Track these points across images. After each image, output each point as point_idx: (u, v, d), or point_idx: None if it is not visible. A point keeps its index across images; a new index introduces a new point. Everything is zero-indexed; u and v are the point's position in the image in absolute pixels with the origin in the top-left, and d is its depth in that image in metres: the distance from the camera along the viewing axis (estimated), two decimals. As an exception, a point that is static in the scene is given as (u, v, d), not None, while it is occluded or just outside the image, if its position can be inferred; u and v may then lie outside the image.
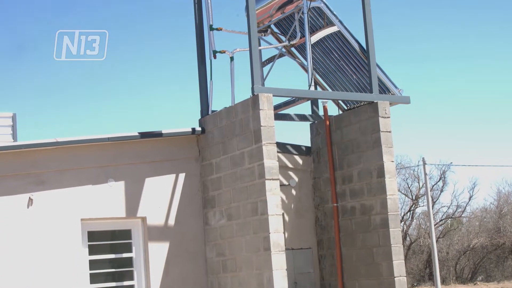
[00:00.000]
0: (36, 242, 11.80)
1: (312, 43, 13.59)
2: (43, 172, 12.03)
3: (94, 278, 12.37)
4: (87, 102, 58.06)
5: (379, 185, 13.23)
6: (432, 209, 39.88)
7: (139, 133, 12.82)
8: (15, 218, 11.72)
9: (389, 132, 13.37)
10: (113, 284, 12.65)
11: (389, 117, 13.39)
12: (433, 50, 62.43)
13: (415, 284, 42.05)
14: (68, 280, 11.91)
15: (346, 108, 14.24)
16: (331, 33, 14.06)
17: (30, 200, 11.84)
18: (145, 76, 58.87)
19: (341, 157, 14.00)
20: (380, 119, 13.27)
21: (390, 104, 13.50)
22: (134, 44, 55.00)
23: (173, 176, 13.17)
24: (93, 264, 12.41)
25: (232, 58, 13.46)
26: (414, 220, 47.56)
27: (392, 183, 13.25)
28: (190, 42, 14.11)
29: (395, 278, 12.91)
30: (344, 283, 13.78)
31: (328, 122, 14.16)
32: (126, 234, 12.89)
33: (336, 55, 14.15)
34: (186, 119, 52.16)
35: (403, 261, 13.22)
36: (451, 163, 46.36)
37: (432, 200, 42.46)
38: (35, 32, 50.49)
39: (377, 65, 13.44)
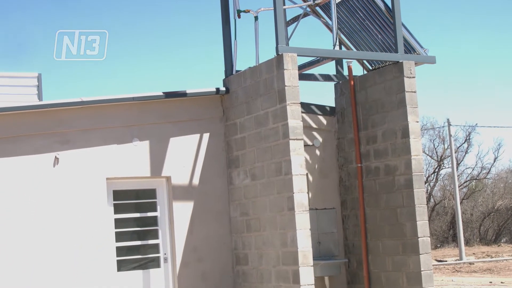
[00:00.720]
0: (62, 201, 11.84)
1: (337, 2, 13.31)
2: (68, 132, 12.03)
3: (119, 237, 12.43)
4: (113, 62, 58.43)
5: (404, 146, 13.07)
6: (457, 170, 39.79)
7: (163, 93, 12.75)
8: (41, 177, 11.74)
9: (414, 92, 13.17)
10: (138, 242, 12.72)
11: (414, 77, 13.18)
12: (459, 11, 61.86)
13: (438, 245, 42.04)
14: (94, 239, 11.98)
15: (370, 68, 14.04)
16: (356, -8, 13.87)
17: (56, 159, 11.85)
18: (170, 37, 58.92)
19: (365, 118, 13.85)
20: (405, 79, 13.06)
21: (415, 64, 13.27)
22: (159, 4, 54.90)
23: (197, 136, 13.13)
24: (118, 223, 12.47)
25: (256, 18, 13.25)
26: (439, 182, 47.47)
27: (416, 144, 13.09)
28: (215, 1, 13.93)
29: (419, 239, 12.82)
30: (367, 243, 13.74)
31: (352, 82, 13.99)
32: (151, 193, 12.92)
33: (361, 14, 13.90)
34: (211, 80, 52.13)
35: (427, 221, 13.11)
36: (476, 124, 46.11)
37: (457, 161, 42.39)
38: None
39: (403, 25, 13.18)
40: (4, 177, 11.47)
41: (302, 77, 13.56)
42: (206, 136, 13.20)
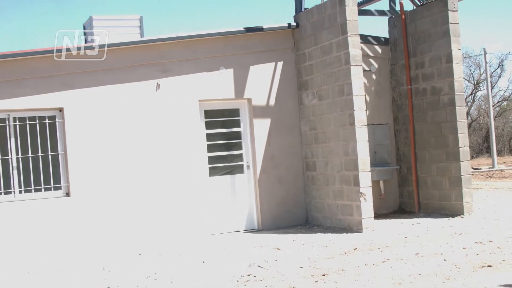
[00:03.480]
0: (163, 118, 12.41)
1: None
2: (167, 62, 12.48)
3: (210, 148, 12.95)
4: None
5: (447, 70, 13.32)
6: (491, 92, 39.50)
7: (244, 28, 13.06)
8: (146, 99, 12.31)
9: (457, 24, 13.34)
10: (226, 152, 13.17)
11: (457, 10, 13.33)
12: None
13: (474, 156, 42.12)
14: (190, 150, 12.58)
15: (419, 3, 14.11)
16: None
17: (158, 85, 12.38)
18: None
19: (414, 46, 14.06)
20: (450, 13, 13.23)
21: (458, -1, 13.42)
22: None
23: (272, 64, 13.43)
24: (209, 137, 12.96)
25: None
26: (475, 102, 47.72)
27: (458, 68, 13.33)
28: None
29: (460, 148, 13.19)
30: (416, 152, 14.12)
31: (403, 16, 14.16)
32: (235, 112, 13.30)
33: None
34: (283, 16, 51.45)
35: (467, 134, 13.42)
36: (509, 52, 45.84)
37: (491, 84, 42.06)
38: None
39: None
40: (118, 99, 12.07)
41: (361, 12, 13.65)
42: (280, 64, 13.48)
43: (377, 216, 13.12)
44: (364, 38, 14.12)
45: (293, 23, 13.53)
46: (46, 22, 54.07)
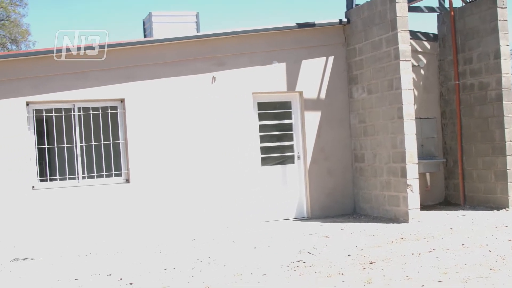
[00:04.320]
0: (218, 110, 12.55)
1: None
2: (222, 56, 12.58)
3: (262, 139, 13.04)
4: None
5: (495, 66, 13.12)
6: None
7: (297, 24, 13.07)
8: (202, 92, 12.44)
9: (505, 20, 13.13)
10: (277, 143, 13.22)
11: (506, 7, 13.11)
12: None
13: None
14: (243, 140, 12.70)
15: (468, 0, 13.92)
16: None
17: (213, 78, 12.50)
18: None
19: (463, 42, 13.87)
20: (498, 9, 13.03)
21: (507, -4, 13.19)
22: None
23: (324, 58, 13.41)
24: (261, 128, 13.03)
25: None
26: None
27: (506, 64, 13.11)
28: None
29: (506, 143, 13.00)
30: (462, 146, 13.96)
31: (452, 13, 13.98)
32: (287, 104, 13.32)
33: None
34: (334, 12, 51.25)
35: (513, 129, 13.24)
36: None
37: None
38: None
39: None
40: (175, 91, 12.25)
41: (410, 9, 13.53)
42: (331, 58, 13.45)
43: (423, 207, 13.05)
44: (414, 34, 13.99)
45: (344, 19, 13.49)
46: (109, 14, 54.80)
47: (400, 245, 9.63)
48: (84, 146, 11.71)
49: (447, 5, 14.27)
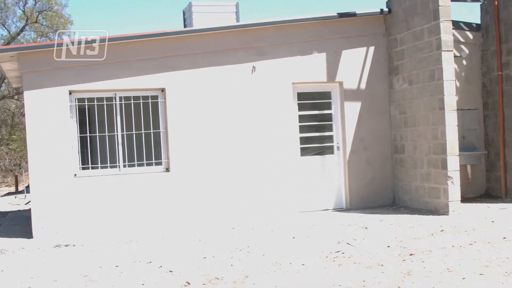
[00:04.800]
0: (258, 100, 12.56)
1: None
2: (262, 46, 12.57)
3: (302, 129, 13.01)
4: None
5: (541, 56, 12.90)
6: None
7: (337, 13, 12.97)
8: (242, 82, 12.46)
9: (552, 10, 12.90)
10: (316, 134, 13.18)
11: (551, -3, 12.89)
12: None
13: None
14: (282, 130, 12.69)
15: (513, -11, 13.69)
16: None
17: (253, 68, 12.50)
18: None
19: (506, 33, 13.60)
20: (544, -1, 12.80)
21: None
22: None
23: (364, 48, 13.31)
24: (301, 118, 13.00)
25: None
26: None
27: (551, 55, 12.90)
28: None
29: (551, 135, 12.79)
30: (504, 138, 13.72)
31: (496, 2, 13.68)
32: (327, 95, 13.25)
33: None
34: (374, 2, 50.70)
35: (558, 120, 12.98)
36: None
37: None
38: None
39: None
40: (215, 81, 12.29)
41: (453, -2, 13.37)
42: (371, 49, 13.34)
43: (464, 200, 12.87)
44: (456, 24, 13.74)
45: (385, 9, 13.35)
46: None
47: (440, 237, 9.54)
48: (125, 135, 11.83)
49: (490, -6, 13.99)
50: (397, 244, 9.13)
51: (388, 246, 8.97)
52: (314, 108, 13.23)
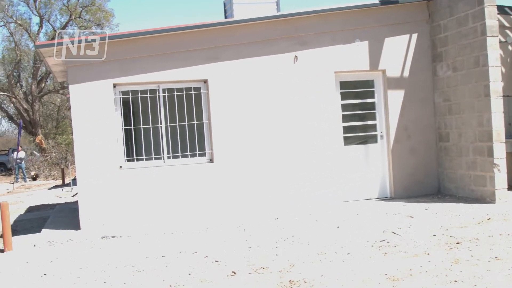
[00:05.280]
0: (301, 89, 12.54)
1: None
2: (304, 35, 12.52)
3: (344, 118, 12.93)
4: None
5: None
6: None
7: (379, 1, 12.85)
8: (284, 71, 12.44)
9: None
10: (360, 123, 13.10)
11: None
12: None
13: None
14: (325, 120, 12.64)
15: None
16: None
17: (296, 57, 12.46)
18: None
19: (553, 16, 13.35)
20: None
21: None
22: None
23: (407, 36, 13.14)
24: (344, 107, 12.92)
25: None
26: None
27: None
28: None
29: None
30: (553, 124, 13.48)
31: (543, -14, 13.46)
32: (370, 83, 13.13)
33: None
34: None
35: None
36: None
37: None
38: None
39: None
40: (258, 71, 12.30)
41: (498, -18, 13.11)
42: (414, 36, 13.16)
43: (510, 187, 12.65)
44: (501, 9, 13.40)
45: (428, -5, 13.13)
46: None
47: (487, 225, 9.40)
48: (169, 127, 11.92)
49: (537, -23, 13.67)
50: (443, 232, 9.03)
51: (434, 235, 8.88)
52: (357, 97, 13.15)
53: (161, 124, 11.86)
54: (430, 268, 7.02)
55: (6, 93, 43.93)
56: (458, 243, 8.24)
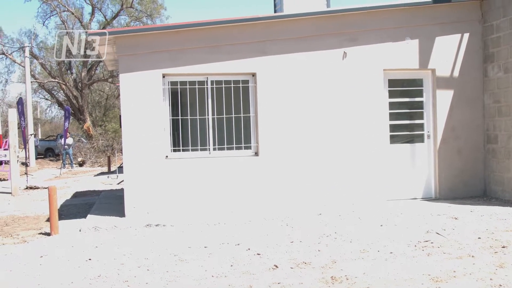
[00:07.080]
0: (348, 86, 12.46)
1: None
2: (354, 32, 12.43)
3: (391, 116, 12.82)
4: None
5: None
6: None
7: None
8: (332, 67, 12.38)
9: None
10: (407, 121, 12.95)
11: None
12: None
13: None
14: (372, 117, 12.55)
15: None
16: None
17: (344, 53, 12.40)
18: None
19: None
20: None
21: None
22: None
23: (458, 35, 12.93)
24: (391, 105, 12.81)
25: None
26: None
27: None
28: None
29: None
30: None
31: None
32: (418, 82, 12.98)
33: None
34: None
35: None
36: None
37: None
38: None
39: None
40: (306, 66, 12.26)
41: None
42: (466, 36, 12.95)
43: (560, 193, 12.38)
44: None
45: (480, -5, 12.90)
46: None
47: (535, 230, 9.23)
48: (215, 119, 11.98)
49: None
50: (488, 235, 8.89)
51: (479, 238, 8.75)
52: (405, 96, 13.00)
53: (208, 115, 11.93)
54: (474, 271, 6.92)
55: (56, 80, 44.72)
56: (503, 247, 8.10)
